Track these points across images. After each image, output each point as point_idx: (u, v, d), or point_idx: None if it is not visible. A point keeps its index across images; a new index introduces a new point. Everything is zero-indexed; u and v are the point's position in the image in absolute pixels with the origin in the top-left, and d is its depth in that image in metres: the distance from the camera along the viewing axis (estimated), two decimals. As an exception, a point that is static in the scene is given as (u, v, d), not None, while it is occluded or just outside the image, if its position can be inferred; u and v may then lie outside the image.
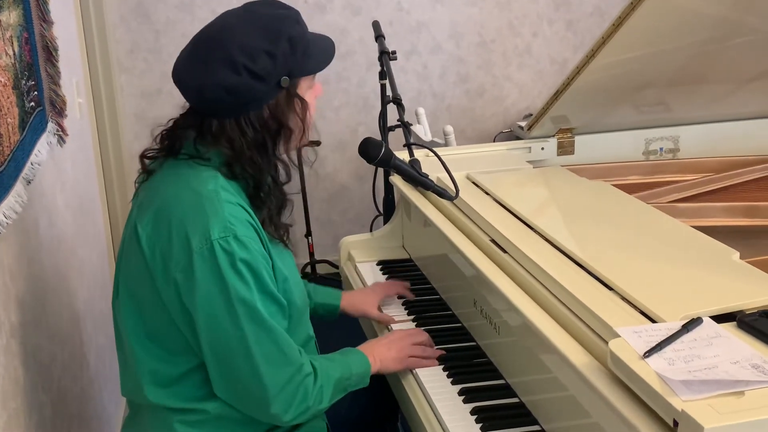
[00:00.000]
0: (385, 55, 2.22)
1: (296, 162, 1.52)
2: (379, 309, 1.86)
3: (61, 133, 1.91)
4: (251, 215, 1.38)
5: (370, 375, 1.55)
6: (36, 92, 1.72)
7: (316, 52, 1.45)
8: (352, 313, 1.86)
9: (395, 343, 1.61)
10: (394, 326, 1.79)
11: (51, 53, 1.85)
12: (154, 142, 1.46)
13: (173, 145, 1.42)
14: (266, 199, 1.42)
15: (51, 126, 1.84)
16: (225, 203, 1.33)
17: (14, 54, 1.55)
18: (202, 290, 1.31)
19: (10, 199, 1.42)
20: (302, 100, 1.42)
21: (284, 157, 1.47)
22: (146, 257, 1.35)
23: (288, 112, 1.41)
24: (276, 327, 1.36)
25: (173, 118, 1.45)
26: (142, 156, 1.47)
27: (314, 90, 1.48)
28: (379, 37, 2.31)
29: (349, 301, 1.85)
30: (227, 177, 1.38)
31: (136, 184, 1.49)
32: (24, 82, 1.61)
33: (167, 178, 1.41)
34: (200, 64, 1.36)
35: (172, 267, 1.32)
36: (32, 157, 1.62)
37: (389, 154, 1.77)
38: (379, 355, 1.57)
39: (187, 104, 1.44)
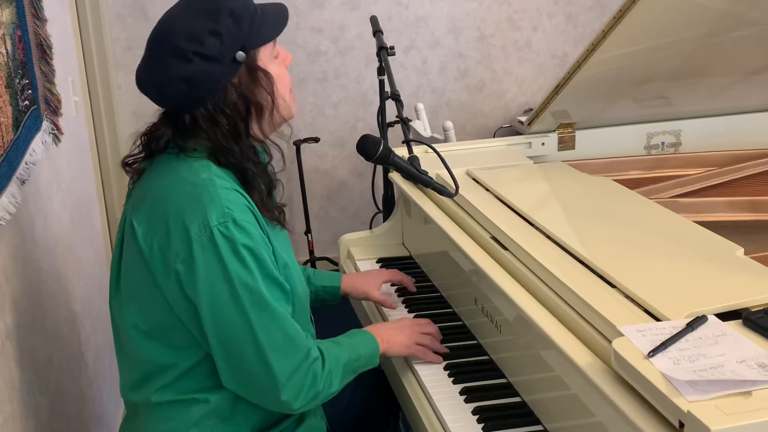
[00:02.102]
0: (384, 51, 2.20)
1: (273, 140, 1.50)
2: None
3: (56, 131, 1.89)
4: (248, 200, 1.37)
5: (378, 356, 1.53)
6: (30, 91, 1.70)
7: (267, 20, 1.41)
8: (354, 295, 1.84)
9: (405, 329, 1.59)
10: (395, 316, 1.77)
11: (45, 51, 1.83)
12: (133, 147, 1.45)
13: (155, 145, 1.41)
14: (254, 183, 1.40)
15: (46, 125, 1.82)
16: (221, 189, 1.32)
17: (7, 52, 1.53)
18: (204, 279, 1.29)
19: (4, 199, 1.41)
20: (266, 72, 1.40)
21: (259, 136, 1.45)
22: (144, 254, 1.33)
23: (254, 88, 1.39)
24: (281, 312, 1.34)
25: (149, 123, 1.44)
26: (125, 163, 1.46)
27: (281, 59, 1.45)
28: (377, 32, 2.28)
29: (351, 283, 1.83)
30: (218, 165, 1.37)
31: (129, 186, 1.48)
32: (18, 80, 1.60)
33: (159, 172, 1.40)
34: (154, 64, 1.36)
35: (172, 259, 1.30)
36: (27, 157, 1.60)
37: (388, 151, 1.75)
38: (386, 336, 1.55)
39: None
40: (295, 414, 1.45)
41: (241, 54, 1.36)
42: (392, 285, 1.94)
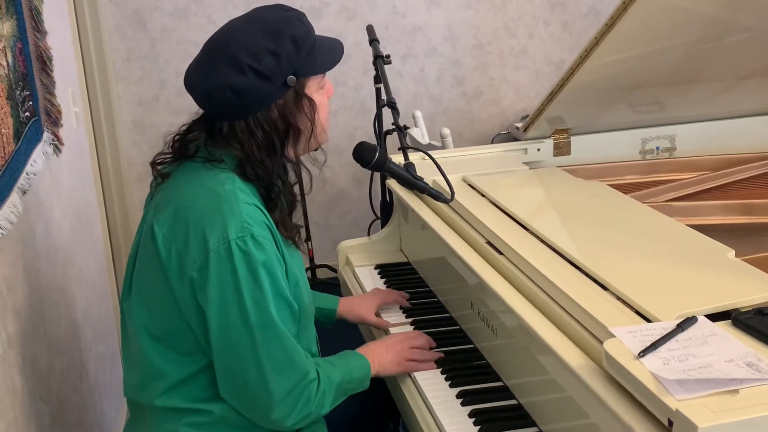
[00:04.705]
0: (380, 59, 2.21)
1: (304, 163, 1.54)
2: (377, 315, 1.86)
3: (56, 142, 1.91)
4: (267, 217, 1.39)
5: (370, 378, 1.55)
6: (31, 102, 1.72)
7: (323, 52, 1.46)
8: (350, 319, 1.86)
9: (394, 347, 1.61)
10: (392, 329, 1.79)
11: (45, 63, 1.85)
12: (165, 147, 1.48)
13: (185, 149, 1.43)
14: (277, 201, 1.43)
15: (46, 136, 1.84)
16: (243, 204, 1.35)
17: (8, 64, 1.55)
18: (216, 290, 1.31)
19: (5, 209, 1.42)
20: (310, 100, 1.44)
21: (293, 159, 1.48)
22: (161, 257, 1.36)
23: (296, 113, 1.42)
24: (285, 332, 1.36)
25: (185, 124, 1.47)
26: (154, 163, 1.49)
27: (325, 90, 1.50)
28: (373, 41, 2.30)
29: (347, 307, 1.85)
30: (243, 179, 1.40)
31: (152, 188, 1.50)
32: (18, 92, 1.62)
33: (184, 179, 1.42)
34: (207, 68, 1.39)
35: (188, 266, 1.33)
36: (28, 168, 1.62)
37: (383, 158, 1.77)
38: (377, 358, 1.57)
39: (200, 111, 1.46)
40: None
41: (292, 78, 1.40)
42: None
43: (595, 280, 1.35)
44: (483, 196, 1.85)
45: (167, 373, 1.40)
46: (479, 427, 1.40)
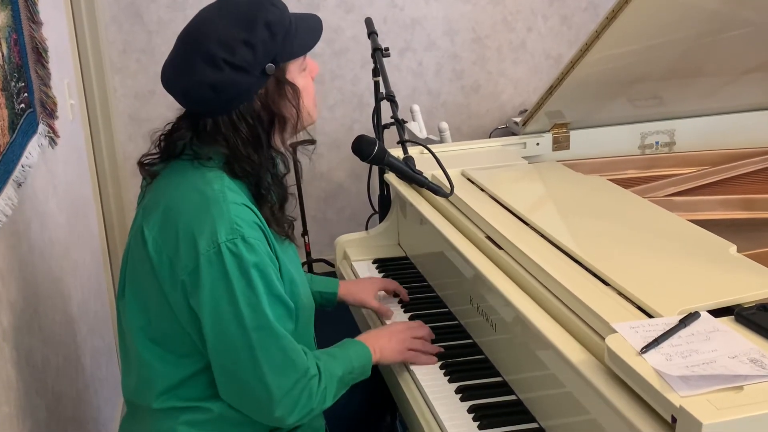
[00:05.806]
0: (378, 52, 2.20)
1: (294, 153, 1.52)
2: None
3: (52, 134, 1.90)
4: (257, 215, 1.36)
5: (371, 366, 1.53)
6: (26, 94, 1.71)
7: (301, 33, 1.40)
8: (350, 302, 1.85)
9: (396, 335, 1.60)
10: (388, 322, 1.78)
11: (41, 54, 1.84)
12: (152, 146, 1.44)
13: (172, 149, 1.40)
14: (267, 195, 1.40)
15: (42, 128, 1.83)
16: (231, 204, 1.32)
17: (3, 55, 1.54)
18: (209, 293, 1.29)
19: (0, 202, 1.41)
20: (293, 86, 1.39)
21: (281, 148, 1.44)
22: (153, 261, 1.33)
23: (280, 101, 1.38)
24: (282, 332, 1.34)
25: (170, 122, 1.43)
26: (141, 162, 1.45)
27: (309, 70, 1.44)
28: (371, 34, 2.29)
29: (348, 290, 1.84)
30: (231, 176, 1.36)
31: (143, 188, 1.48)
32: (13, 83, 1.60)
33: (172, 179, 1.39)
34: (183, 66, 1.35)
35: (180, 270, 1.30)
36: (23, 160, 1.61)
37: (383, 151, 1.75)
38: (379, 345, 1.55)
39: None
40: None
41: (271, 66, 1.35)
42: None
43: (595, 275, 1.34)
44: (482, 190, 1.83)
45: (165, 375, 1.39)
46: (478, 422, 1.39)
